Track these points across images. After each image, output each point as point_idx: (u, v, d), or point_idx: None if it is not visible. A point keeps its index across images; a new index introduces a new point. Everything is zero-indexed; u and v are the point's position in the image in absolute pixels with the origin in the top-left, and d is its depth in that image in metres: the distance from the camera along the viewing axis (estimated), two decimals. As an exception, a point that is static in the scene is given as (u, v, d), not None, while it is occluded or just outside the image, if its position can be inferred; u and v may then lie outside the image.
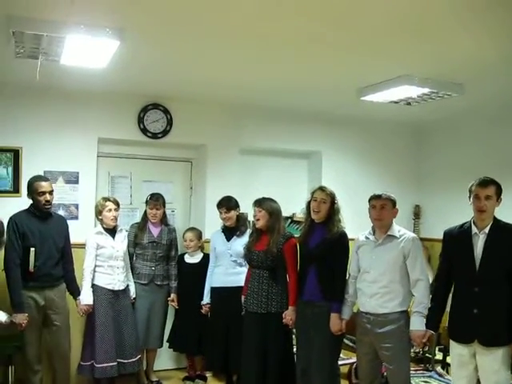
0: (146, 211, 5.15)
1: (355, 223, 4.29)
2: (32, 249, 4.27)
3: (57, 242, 4.46)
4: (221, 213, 4.95)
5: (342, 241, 4.06)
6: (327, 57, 4.04)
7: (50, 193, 4.38)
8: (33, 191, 4.36)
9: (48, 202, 4.36)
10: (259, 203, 4.44)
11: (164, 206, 5.15)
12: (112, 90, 5.12)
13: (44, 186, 4.34)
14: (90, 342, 4.72)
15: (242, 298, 4.59)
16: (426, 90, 4.65)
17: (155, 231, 5.11)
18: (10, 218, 4.28)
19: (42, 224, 4.38)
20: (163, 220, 5.17)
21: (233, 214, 4.94)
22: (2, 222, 3.75)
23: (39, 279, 4.31)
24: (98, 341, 4.66)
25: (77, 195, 5.17)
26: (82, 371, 4.77)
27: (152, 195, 5.14)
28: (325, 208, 4.12)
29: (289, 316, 4.24)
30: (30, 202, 4.42)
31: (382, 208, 3.83)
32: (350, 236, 4.11)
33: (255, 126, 5.89)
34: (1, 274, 4.28)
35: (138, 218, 5.35)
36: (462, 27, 3.37)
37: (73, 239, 4.67)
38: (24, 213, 4.38)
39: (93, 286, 4.69)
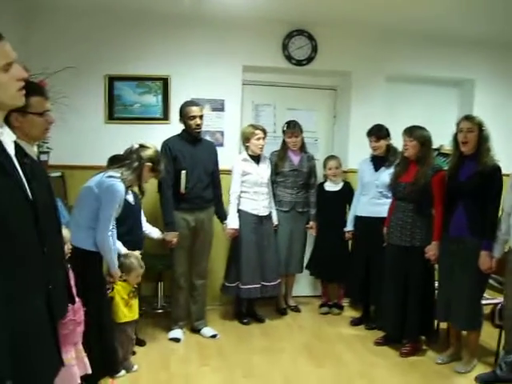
0: (284, 140, 5.19)
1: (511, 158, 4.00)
2: (183, 171, 4.44)
3: (206, 166, 4.59)
4: (370, 141, 4.83)
5: (496, 175, 3.84)
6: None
7: (201, 117, 4.49)
8: (184, 115, 4.49)
9: (198, 126, 4.48)
10: (410, 132, 4.29)
11: (301, 133, 5.14)
12: (257, 16, 5.11)
13: (195, 110, 4.45)
14: (235, 265, 4.93)
15: (384, 229, 4.55)
16: None
17: (295, 159, 5.16)
18: (164, 143, 4.47)
19: (193, 148, 4.52)
20: (302, 147, 5.20)
21: (382, 143, 4.80)
22: (158, 151, 3.90)
23: (190, 201, 4.50)
24: (243, 263, 4.86)
25: (222, 122, 5.31)
26: (228, 291, 5.02)
27: (288, 123, 5.14)
28: (473, 138, 3.91)
29: (431, 251, 4.15)
30: (180, 127, 4.58)
31: None
32: (503, 171, 3.88)
33: (403, 52, 5.62)
34: (155, 196, 4.52)
35: (278, 147, 5.30)
36: None
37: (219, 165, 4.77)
38: (176, 137, 4.54)
39: (238, 211, 4.85)
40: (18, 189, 1.79)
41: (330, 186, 5.28)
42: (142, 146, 3.79)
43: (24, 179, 1.84)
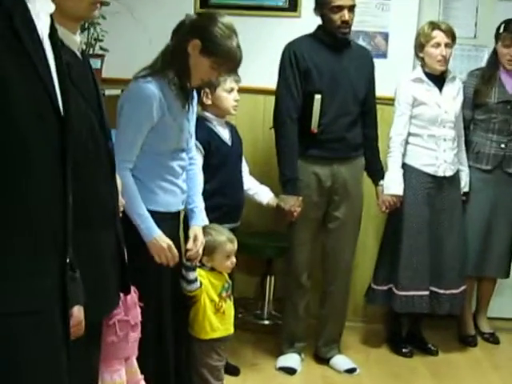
0: (494, 51, 4.27)
1: None
2: (317, 96, 3.71)
3: (356, 88, 3.80)
4: None
5: None
6: None
7: (350, 9, 3.70)
8: (322, 5, 3.73)
9: (346, 23, 3.73)
10: None
11: None
12: None
13: None
14: (390, 256, 4.20)
15: None
16: None
17: (511, 84, 4.23)
18: (286, 47, 3.78)
19: (336, 58, 3.78)
20: None
21: None
22: (218, 21, 2.87)
23: (326, 146, 3.77)
24: (403, 254, 4.08)
25: (387, 19, 4.47)
26: (374, 299, 4.28)
27: (507, 24, 4.19)
28: None
29: None
30: (317, 23, 3.82)
31: None
32: None
33: None
34: (269, 134, 3.90)
35: (484, 63, 4.44)
36: None
37: (376, 89, 3.99)
38: (308, 39, 3.82)
39: (403, 166, 4.05)
40: (39, 83, 1.50)
41: None
42: (200, 16, 3.14)
43: (55, 79, 1.57)
